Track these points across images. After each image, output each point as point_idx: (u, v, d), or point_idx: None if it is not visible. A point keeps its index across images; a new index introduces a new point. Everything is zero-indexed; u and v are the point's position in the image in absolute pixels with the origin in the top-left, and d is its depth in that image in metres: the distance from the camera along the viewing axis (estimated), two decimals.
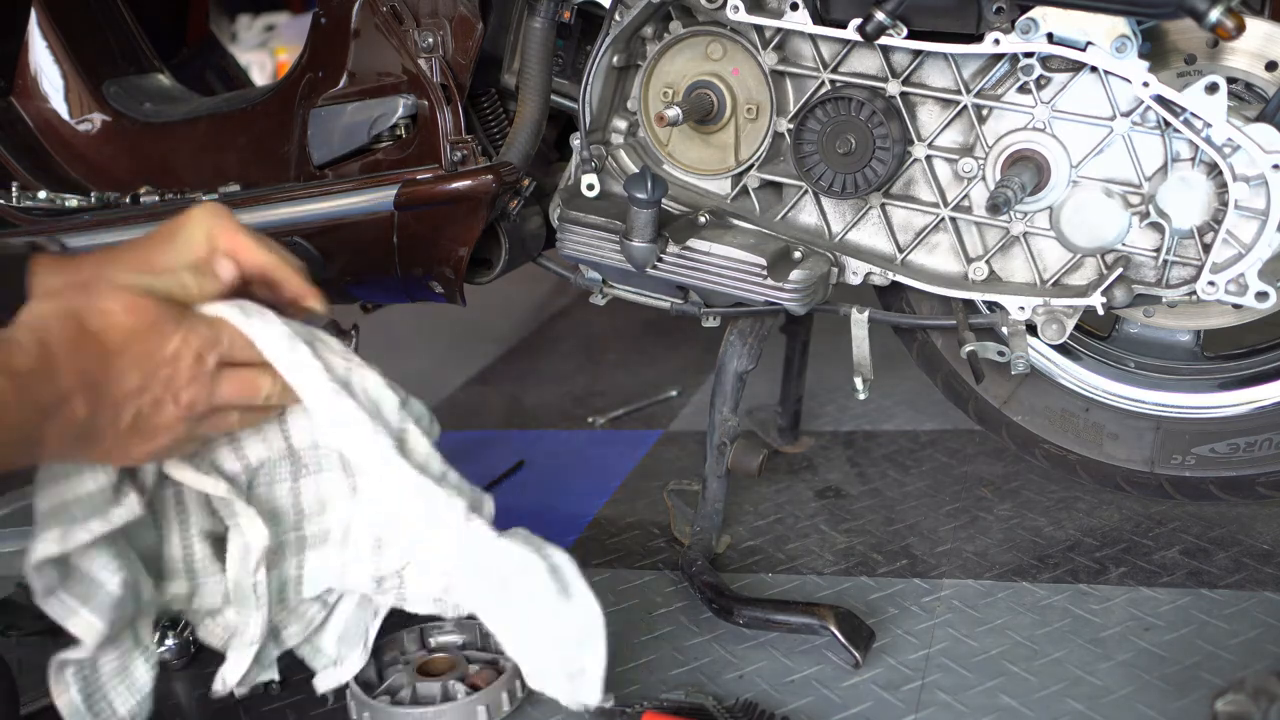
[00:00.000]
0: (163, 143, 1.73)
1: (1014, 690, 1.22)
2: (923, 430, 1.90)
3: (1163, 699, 1.18)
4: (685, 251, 1.42)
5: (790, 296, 1.41)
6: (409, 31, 1.48)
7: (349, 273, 1.60)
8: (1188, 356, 1.51)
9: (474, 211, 1.48)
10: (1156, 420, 1.49)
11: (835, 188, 1.40)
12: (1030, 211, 1.38)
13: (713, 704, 1.22)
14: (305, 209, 1.55)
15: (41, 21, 1.75)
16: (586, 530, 1.69)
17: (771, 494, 1.73)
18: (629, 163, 1.52)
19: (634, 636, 1.40)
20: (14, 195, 1.66)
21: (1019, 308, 1.40)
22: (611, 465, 1.92)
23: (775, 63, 1.42)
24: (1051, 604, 1.37)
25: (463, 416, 2.26)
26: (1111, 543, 1.49)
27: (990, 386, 1.56)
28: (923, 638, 1.33)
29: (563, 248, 1.51)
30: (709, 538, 1.52)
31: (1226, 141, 1.24)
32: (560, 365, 2.50)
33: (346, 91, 1.55)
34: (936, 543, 1.54)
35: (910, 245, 1.45)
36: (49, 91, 1.77)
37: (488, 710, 1.23)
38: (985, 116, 1.37)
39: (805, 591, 1.46)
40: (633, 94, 1.52)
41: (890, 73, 1.38)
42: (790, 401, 1.87)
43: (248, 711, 1.34)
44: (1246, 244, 1.27)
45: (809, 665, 1.30)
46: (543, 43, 1.46)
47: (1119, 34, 1.24)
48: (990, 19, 1.27)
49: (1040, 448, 1.57)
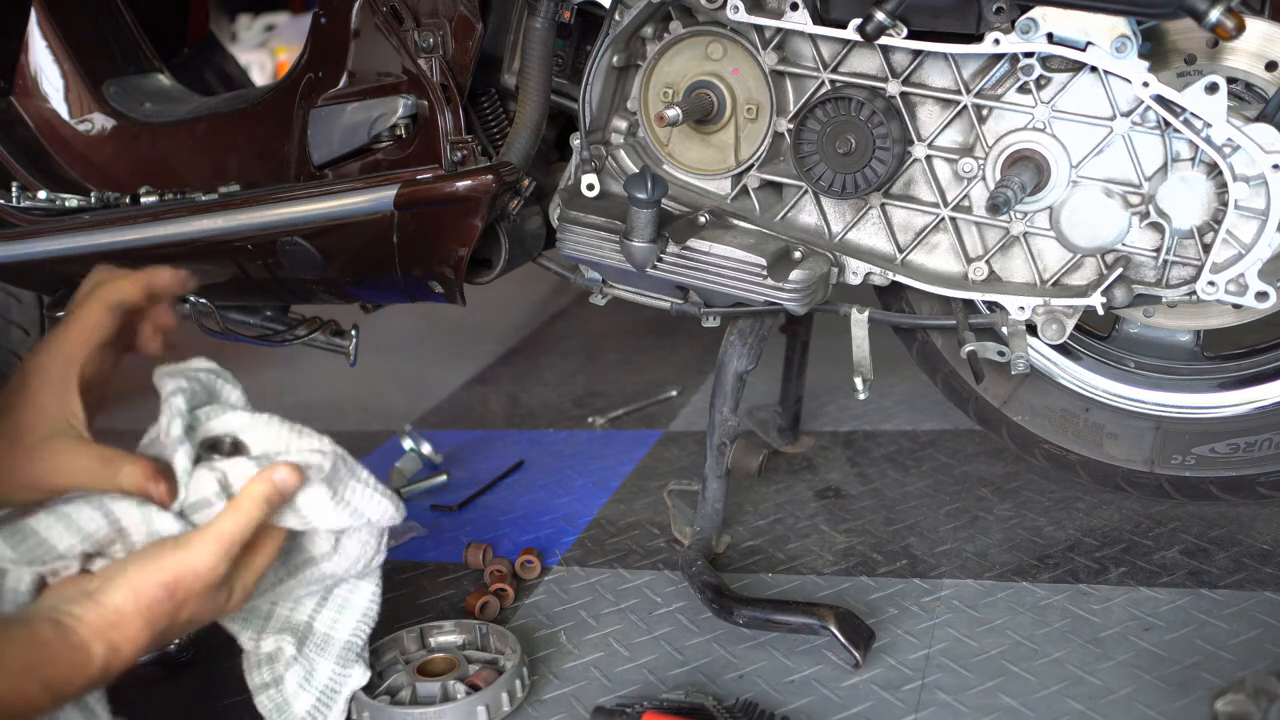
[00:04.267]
0: (163, 143, 1.73)
1: (1014, 690, 1.22)
2: (923, 430, 1.90)
3: (1163, 699, 1.18)
4: (685, 251, 1.42)
5: (790, 296, 1.41)
6: (409, 31, 1.48)
7: (349, 273, 1.60)
8: (1188, 356, 1.51)
9: (474, 211, 1.48)
10: (1156, 420, 1.49)
11: (835, 188, 1.40)
12: (1030, 211, 1.38)
13: (713, 704, 1.22)
14: (305, 209, 1.55)
15: (41, 21, 1.75)
16: (586, 530, 1.69)
17: (771, 494, 1.73)
18: (629, 163, 1.52)
19: (634, 636, 1.40)
20: (14, 195, 1.66)
21: (1019, 308, 1.40)
22: (611, 465, 1.92)
23: (775, 63, 1.42)
24: (1051, 604, 1.37)
25: (463, 416, 2.26)
26: (1111, 543, 1.49)
27: (990, 386, 1.56)
28: (923, 638, 1.33)
29: (563, 248, 1.51)
30: (709, 538, 1.52)
31: (1226, 141, 1.24)
32: (560, 365, 2.50)
33: (346, 91, 1.55)
34: (936, 543, 1.54)
35: (910, 245, 1.45)
36: (49, 91, 1.77)
37: (488, 710, 1.23)
38: (985, 116, 1.37)
39: (805, 591, 1.46)
40: (633, 94, 1.51)
41: (890, 73, 1.38)
42: (790, 401, 1.87)
43: (248, 711, 1.33)
44: (1246, 244, 1.27)
45: (809, 665, 1.30)
46: (543, 43, 1.46)
47: (1119, 34, 1.24)
48: (990, 19, 1.27)
49: (1040, 448, 1.57)
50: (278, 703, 1.20)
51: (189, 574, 0.99)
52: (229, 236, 1.59)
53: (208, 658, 1.44)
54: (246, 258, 1.61)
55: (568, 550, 1.64)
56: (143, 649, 0.97)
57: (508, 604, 1.49)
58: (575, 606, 1.48)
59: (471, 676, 1.27)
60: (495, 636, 1.35)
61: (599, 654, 1.37)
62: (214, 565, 1.00)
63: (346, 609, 1.24)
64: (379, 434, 2.09)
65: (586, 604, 1.49)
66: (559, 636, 1.42)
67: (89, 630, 0.94)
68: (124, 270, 1.18)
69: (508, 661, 1.30)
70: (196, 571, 0.99)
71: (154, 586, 0.97)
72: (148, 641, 0.97)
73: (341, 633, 1.23)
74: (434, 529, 1.75)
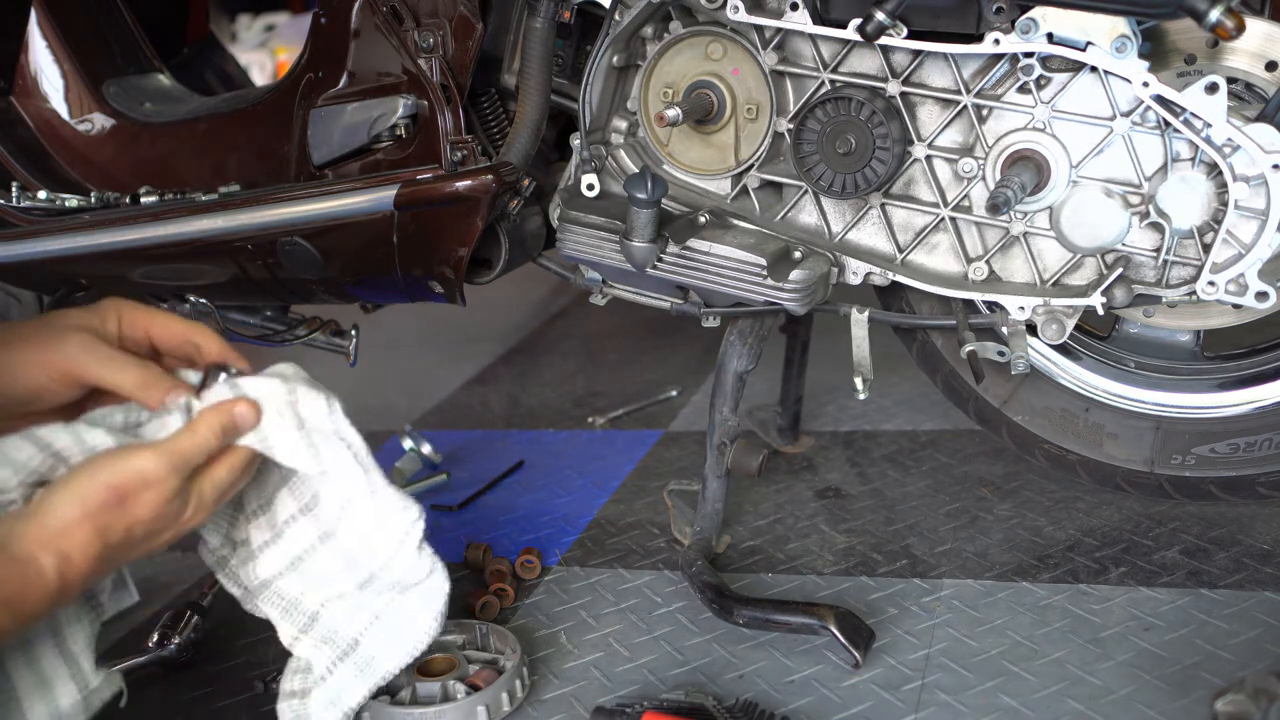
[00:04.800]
0: (163, 143, 1.73)
1: (1014, 690, 1.22)
2: (923, 430, 1.90)
3: (1163, 699, 1.18)
4: (685, 251, 1.42)
5: (790, 296, 1.41)
6: (409, 31, 1.48)
7: (349, 273, 1.60)
8: (1188, 356, 1.51)
9: (474, 211, 1.48)
10: (1156, 420, 1.49)
11: (835, 188, 1.40)
12: (1030, 211, 1.38)
13: (713, 704, 1.22)
14: (305, 209, 1.55)
15: (41, 21, 1.75)
16: (586, 530, 1.69)
17: (771, 494, 1.73)
18: (629, 163, 1.52)
19: (634, 636, 1.40)
20: (14, 195, 1.66)
21: (1019, 308, 1.40)
22: (611, 465, 1.92)
23: (775, 63, 1.42)
24: (1051, 604, 1.37)
25: (463, 416, 2.26)
26: (1111, 543, 1.49)
27: (990, 386, 1.56)
28: (923, 638, 1.33)
29: (563, 248, 1.51)
30: (709, 538, 1.52)
31: (1226, 141, 1.24)
32: (560, 365, 2.50)
33: (346, 91, 1.55)
34: (936, 543, 1.54)
35: (910, 245, 1.45)
36: (49, 91, 1.77)
37: (488, 710, 1.23)
38: (985, 116, 1.37)
39: (805, 591, 1.46)
40: (633, 94, 1.51)
41: (890, 73, 1.38)
42: (790, 401, 1.87)
43: (248, 711, 1.34)
44: (1246, 244, 1.27)
45: (809, 665, 1.30)
46: (543, 43, 1.46)
47: (1119, 34, 1.24)
48: (990, 19, 1.27)
49: (1040, 448, 1.57)
50: (299, 714, 1.17)
51: (135, 478, 0.96)
52: (229, 236, 1.59)
53: (208, 658, 1.44)
54: (246, 258, 1.61)
55: (568, 550, 1.64)
56: (97, 558, 0.94)
57: (508, 604, 1.50)
58: (575, 606, 1.48)
59: (471, 676, 1.27)
60: (495, 636, 1.35)
61: (599, 654, 1.37)
62: (163, 475, 0.97)
63: (398, 639, 1.19)
64: (379, 434, 2.09)
65: (586, 604, 1.49)
66: (559, 636, 1.42)
67: (33, 542, 0.92)
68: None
69: (508, 661, 1.30)
70: (144, 477, 0.97)
71: (99, 490, 0.95)
72: (100, 549, 0.94)
73: (386, 662, 1.19)
74: (434, 529, 1.74)
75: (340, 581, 1.17)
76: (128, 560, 1.00)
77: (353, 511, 1.14)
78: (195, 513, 1.02)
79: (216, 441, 1.03)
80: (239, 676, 1.40)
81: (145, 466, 0.97)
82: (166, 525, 1.00)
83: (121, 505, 0.95)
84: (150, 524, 0.98)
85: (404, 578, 1.17)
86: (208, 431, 1.02)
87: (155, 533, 0.99)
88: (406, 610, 1.19)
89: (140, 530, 0.97)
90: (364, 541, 1.15)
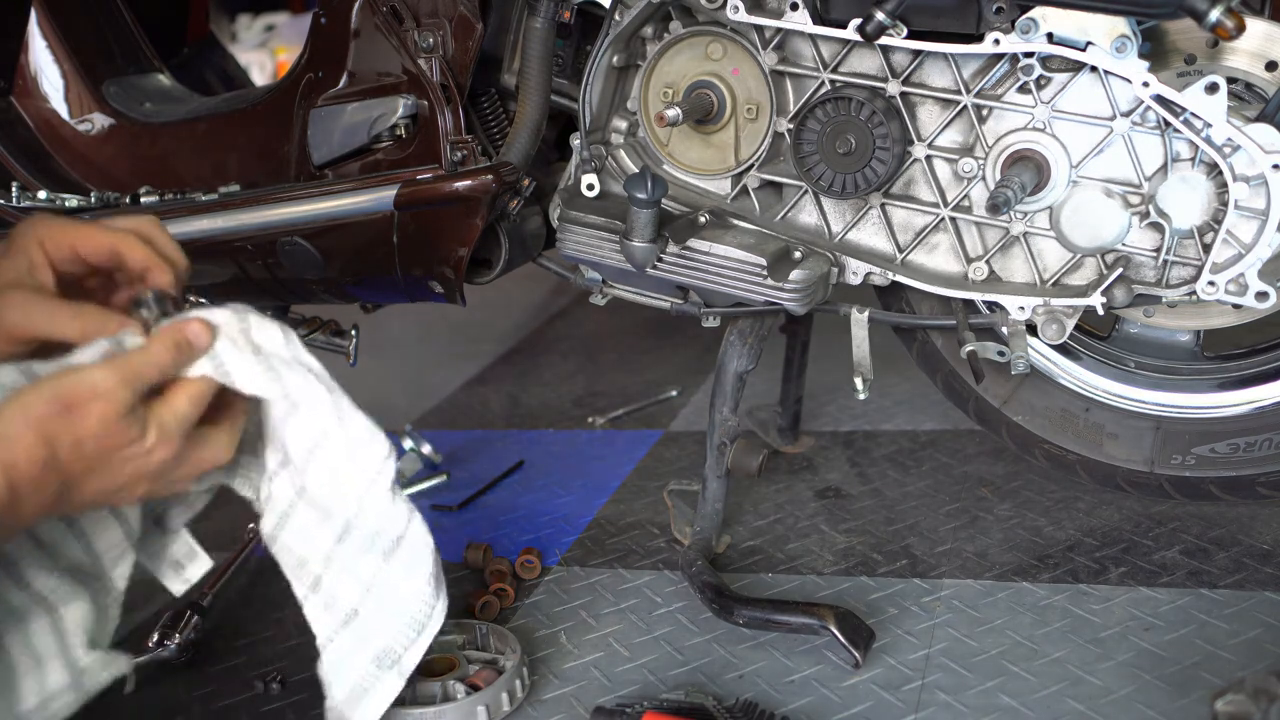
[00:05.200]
0: (163, 143, 1.73)
1: (1014, 690, 1.22)
2: (923, 430, 1.90)
3: (1163, 699, 1.18)
4: (685, 251, 1.42)
5: (790, 296, 1.41)
6: (409, 31, 1.48)
7: (349, 273, 1.60)
8: (1188, 356, 1.51)
9: (474, 211, 1.48)
10: (1156, 420, 1.49)
11: (835, 188, 1.40)
12: (1030, 211, 1.38)
13: (713, 704, 1.22)
14: (305, 209, 1.55)
15: (41, 21, 1.75)
16: (586, 530, 1.69)
17: (771, 494, 1.73)
18: (629, 163, 1.52)
19: (634, 636, 1.40)
20: (14, 195, 1.66)
21: (1019, 308, 1.40)
22: (611, 465, 1.92)
23: (775, 63, 1.42)
24: (1051, 604, 1.37)
25: (463, 416, 2.26)
26: (1111, 543, 1.49)
27: (990, 386, 1.56)
28: (923, 638, 1.33)
29: (563, 248, 1.51)
30: (709, 538, 1.52)
31: (1226, 141, 1.24)
32: (560, 365, 2.50)
33: (346, 91, 1.55)
34: (936, 543, 1.54)
35: (910, 245, 1.45)
36: (49, 91, 1.77)
37: (488, 710, 1.23)
38: (985, 116, 1.37)
39: (805, 591, 1.46)
40: (633, 94, 1.51)
41: (890, 73, 1.38)
42: (790, 401, 1.87)
43: (248, 711, 1.34)
44: (1246, 244, 1.27)
45: (809, 665, 1.30)
46: (543, 43, 1.46)
47: (1119, 34, 1.24)
48: (990, 19, 1.27)
49: (1040, 448, 1.57)
50: (333, 661, 1.17)
51: (83, 388, 0.94)
52: (229, 236, 1.59)
53: (208, 658, 1.44)
54: (246, 258, 1.61)
55: (568, 550, 1.64)
56: (44, 464, 0.92)
57: (508, 604, 1.49)
58: (575, 606, 1.48)
59: (471, 676, 1.27)
60: (495, 636, 1.35)
61: (599, 654, 1.37)
62: (112, 386, 0.95)
63: (395, 611, 1.17)
64: None
65: (586, 604, 1.49)
66: (559, 636, 1.42)
67: None
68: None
69: (508, 661, 1.30)
70: (93, 388, 0.94)
71: (43, 401, 0.93)
72: (47, 456, 0.92)
73: (388, 637, 1.17)
74: (434, 529, 1.74)
75: (321, 538, 1.15)
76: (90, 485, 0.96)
77: (323, 449, 1.12)
78: (160, 443, 0.99)
79: (169, 357, 1.00)
80: (239, 676, 1.40)
81: (93, 377, 0.95)
82: (121, 444, 0.96)
83: (68, 414, 0.93)
84: (101, 438, 0.95)
85: (381, 528, 1.15)
86: (160, 347, 1.00)
87: (109, 450, 0.96)
88: (391, 579, 1.17)
89: (91, 444, 0.95)
90: (335, 481, 1.13)
